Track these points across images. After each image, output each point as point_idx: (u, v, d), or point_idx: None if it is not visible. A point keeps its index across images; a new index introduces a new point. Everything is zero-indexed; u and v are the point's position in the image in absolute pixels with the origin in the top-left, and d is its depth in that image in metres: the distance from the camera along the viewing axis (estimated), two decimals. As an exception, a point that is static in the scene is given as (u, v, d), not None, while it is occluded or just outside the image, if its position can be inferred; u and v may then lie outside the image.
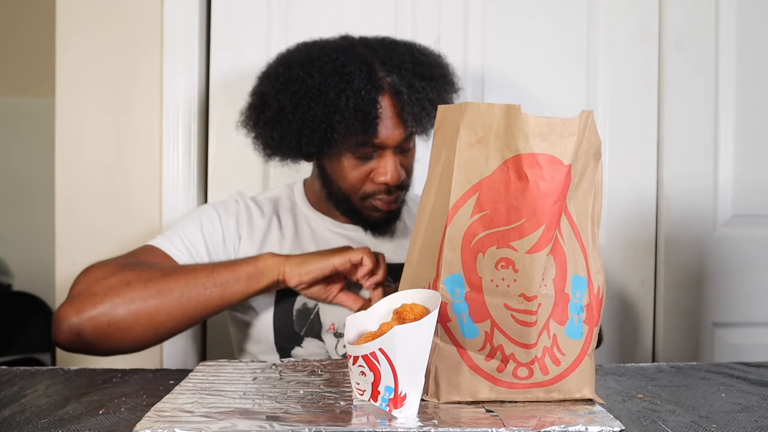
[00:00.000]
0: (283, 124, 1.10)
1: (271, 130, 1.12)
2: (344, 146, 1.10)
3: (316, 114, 1.07)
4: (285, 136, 1.11)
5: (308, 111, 1.07)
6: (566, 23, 1.54)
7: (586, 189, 0.73)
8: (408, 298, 0.70)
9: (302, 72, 1.08)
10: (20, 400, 0.76)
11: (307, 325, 1.13)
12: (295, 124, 1.09)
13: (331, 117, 1.06)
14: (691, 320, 1.56)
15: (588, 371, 0.73)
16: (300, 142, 1.10)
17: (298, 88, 1.08)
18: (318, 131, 1.07)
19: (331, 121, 1.06)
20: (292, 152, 1.14)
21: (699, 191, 1.56)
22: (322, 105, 1.06)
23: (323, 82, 1.07)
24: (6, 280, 2.69)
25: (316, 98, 1.06)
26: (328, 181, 1.17)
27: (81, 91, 1.48)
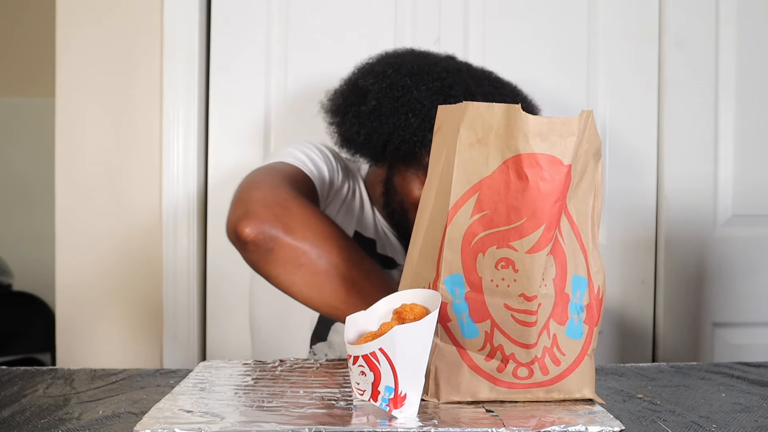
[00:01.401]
0: (374, 124, 1.09)
1: (359, 126, 1.11)
2: (424, 163, 1.09)
3: (411, 125, 1.06)
4: (372, 136, 1.10)
5: (405, 120, 1.07)
6: (566, 23, 1.54)
7: (586, 189, 0.73)
8: (408, 298, 0.70)
9: (410, 81, 1.08)
10: (20, 400, 0.76)
11: None
12: (387, 128, 1.08)
13: (424, 133, 1.06)
14: (691, 320, 1.56)
15: (588, 371, 0.73)
16: (385, 147, 1.09)
17: (402, 94, 1.08)
18: (408, 143, 1.07)
19: (423, 137, 1.06)
20: (370, 152, 1.13)
21: (699, 191, 1.56)
22: (420, 119, 1.06)
23: (427, 98, 1.07)
24: (6, 280, 2.69)
25: (416, 110, 1.07)
26: (392, 190, 1.16)
27: (81, 91, 1.48)
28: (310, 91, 1.48)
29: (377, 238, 1.20)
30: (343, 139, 1.15)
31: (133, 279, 1.49)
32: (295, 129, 1.49)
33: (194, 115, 1.48)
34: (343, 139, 1.16)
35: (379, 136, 1.09)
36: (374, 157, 1.14)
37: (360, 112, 1.10)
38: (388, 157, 1.12)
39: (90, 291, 1.49)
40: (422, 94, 1.07)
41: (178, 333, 1.48)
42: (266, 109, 1.51)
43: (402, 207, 1.15)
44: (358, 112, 1.11)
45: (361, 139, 1.11)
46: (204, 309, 1.52)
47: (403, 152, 1.08)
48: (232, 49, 1.50)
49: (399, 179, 1.15)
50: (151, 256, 1.48)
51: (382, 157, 1.12)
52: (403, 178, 1.14)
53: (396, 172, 1.15)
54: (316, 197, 1.08)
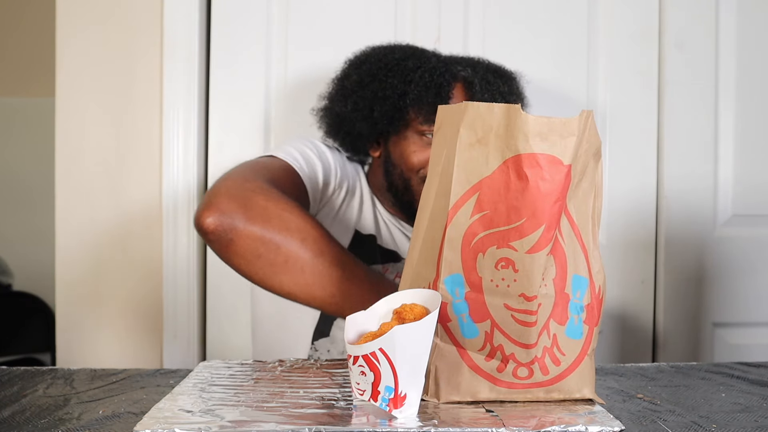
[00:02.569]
0: (359, 93, 1.16)
1: (345, 100, 1.17)
2: (413, 124, 1.14)
3: (391, 84, 1.13)
4: (358, 105, 1.15)
5: (384, 81, 1.14)
6: (566, 23, 1.54)
7: (586, 189, 0.73)
8: (408, 298, 0.70)
9: (385, 50, 1.19)
10: (20, 400, 0.76)
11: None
12: (369, 93, 1.15)
13: (405, 87, 1.13)
14: (691, 320, 1.56)
15: (588, 371, 0.73)
16: (372, 110, 1.14)
17: (378, 60, 1.17)
18: (390, 99, 1.13)
19: (404, 90, 1.12)
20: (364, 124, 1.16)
21: (699, 191, 1.56)
22: (399, 77, 1.13)
23: (402, 59, 1.16)
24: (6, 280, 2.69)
25: (393, 70, 1.14)
26: (391, 167, 1.18)
27: (81, 91, 1.48)
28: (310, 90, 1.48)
29: (378, 232, 1.20)
30: (332, 119, 1.20)
31: (133, 279, 1.49)
32: (296, 128, 1.49)
33: (194, 114, 1.48)
34: (331, 122, 1.20)
35: (365, 102, 1.15)
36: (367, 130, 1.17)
37: (346, 88, 1.18)
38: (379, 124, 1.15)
39: (90, 291, 1.49)
40: (397, 56, 1.16)
41: (178, 333, 1.48)
42: (266, 109, 1.51)
43: (403, 179, 1.17)
44: (344, 89, 1.18)
45: (349, 109, 1.16)
46: (204, 309, 1.52)
47: (389, 110, 1.13)
48: (232, 48, 1.50)
49: (395, 151, 1.17)
50: (151, 256, 1.48)
51: (374, 126, 1.16)
52: (398, 148, 1.17)
53: (391, 147, 1.18)
54: (303, 195, 1.08)
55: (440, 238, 0.70)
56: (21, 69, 2.87)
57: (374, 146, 1.22)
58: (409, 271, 0.76)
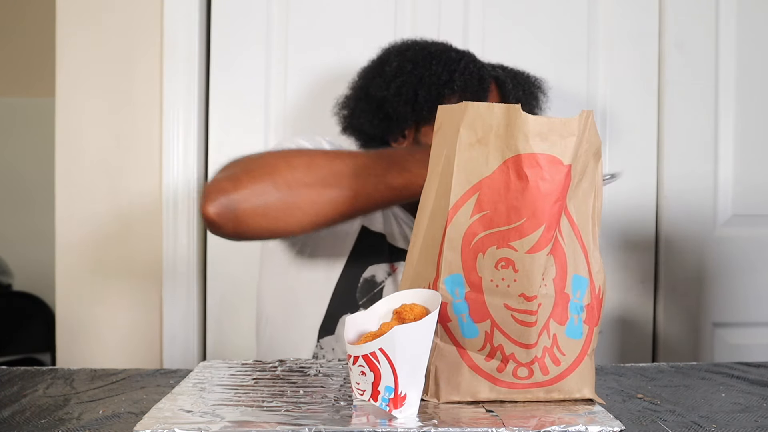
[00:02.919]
0: (402, 77, 1.13)
1: (386, 86, 1.14)
2: None
3: (436, 71, 1.13)
4: (401, 90, 1.13)
5: (429, 69, 1.13)
6: (566, 23, 1.54)
7: (586, 189, 0.73)
8: (408, 298, 0.70)
9: (425, 43, 1.19)
10: (20, 400, 0.76)
11: (369, 297, 1.13)
12: (414, 78, 1.13)
13: (450, 74, 1.12)
14: (691, 320, 1.56)
15: (588, 371, 0.73)
16: (416, 96, 1.12)
17: (421, 49, 1.16)
18: (436, 85, 1.12)
19: (450, 77, 1.12)
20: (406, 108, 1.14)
21: (699, 191, 1.56)
22: (443, 65, 1.13)
23: (445, 51, 1.16)
24: (6, 280, 2.69)
25: (438, 59, 1.14)
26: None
27: (81, 91, 1.48)
28: (310, 90, 1.48)
29: (387, 231, 1.19)
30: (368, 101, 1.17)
31: (133, 279, 1.49)
32: (295, 128, 1.49)
33: (194, 115, 1.48)
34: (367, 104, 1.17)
35: (408, 87, 1.13)
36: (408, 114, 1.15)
37: (384, 72, 1.15)
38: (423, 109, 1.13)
39: (90, 291, 1.49)
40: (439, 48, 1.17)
41: (178, 333, 1.48)
42: (266, 109, 1.51)
43: None
44: (383, 72, 1.16)
45: (393, 92, 1.14)
46: (204, 309, 1.52)
47: (434, 96, 1.12)
48: (232, 48, 1.50)
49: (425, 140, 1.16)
50: (151, 255, 1.48)
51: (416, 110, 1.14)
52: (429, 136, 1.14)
53: (422, 136, 1.17)
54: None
55: (440, 238, 0.70)
56: (21, 69, 2.87)
57: (400, 138, 1.19)
58: (409, 271, 0.76)
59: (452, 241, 0.69)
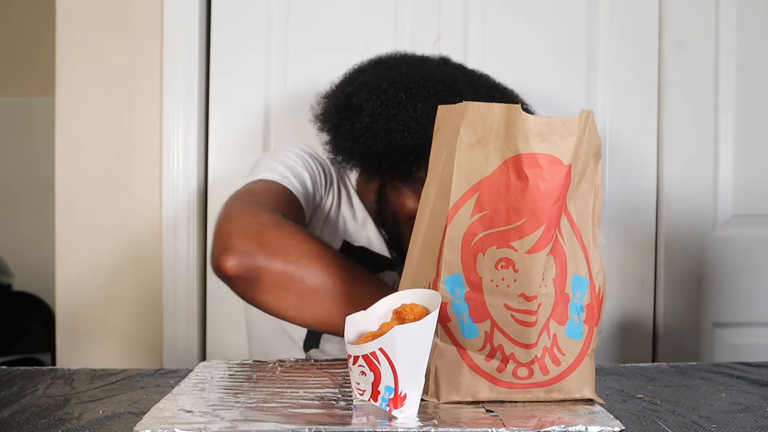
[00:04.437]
0: (368, 141, 1.08)
1: (353, 142, 1.09)
2: (414, 175, 1.08)
3: (407, 144, 1.05)
4: (367, 154, 1.09)
5: (401, 139, 1.06)
6: (566, 23, 1.54)
7: (586, 189, 0.73)
8: (408, 298, 0.70)
9: (406, 97, 1.07)
10: (20, 400, 0.76)
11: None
12: (382, 145, 1.07)
13: (420, 153, 1.04)
14: (691, 320, 1.56)
15: (588, 371, 0.73)
16: (380, 163, 1.08)
17: (397, 112, 1.07)
18: (404, 161, 1.06)
19: (419, 156, 1.04)
20: (365, 165, 1.12)
21: (699, 191, 1.56)
22: (416, 138, 1.05)
23: (423, 116, 1.05)
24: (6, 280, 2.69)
25: (412, 129, 1.05)
26: (384, 201, 1.15)
27: (81, 91, 1.48)
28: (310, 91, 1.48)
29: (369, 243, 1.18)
30: (337, 151, 1.14)
31: (133, 279, 1.49)
32: (295, 129, 1.49)
33: (194, 115, 1.48)
34: (336, 151, 1.14)
35: (374, 154, 1.08)
36: (369, 169, 1.13)
37: (354, 128, 1.09)
38: (382, 172, 1.11)
39: (90, 291, 1.49)
40: (418, 113, 1.05)
41: (178, 333, 1.48)
42: (266, 109, 1.51)
43: (395, 218, 1.14)
44: (352, 128, 1.09)
45: (356, 156, 1.10)
46: (204, 309, 1.52)
47: (399, 170, 1.08)
48: (232, 49, 1.50)
49: (393, 194, 1.13)
50: (152, 255, 1.48)
51: (377, 170, 1.11)
52: (396, 192, 1.13)
53: (389, 185, 1.14)
54: (300, 211, 1.05)
55: (440, 238, 0.70)
56: (21, 69, 2.87)
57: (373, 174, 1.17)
58: (409, 271, 0.76)
59: (452, 241, 0.69)
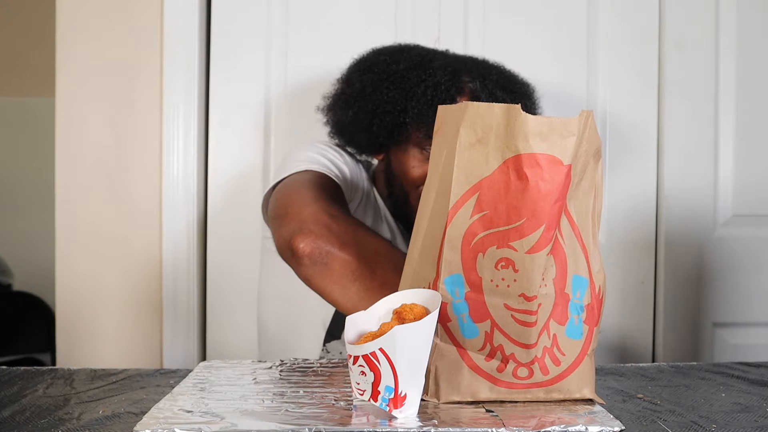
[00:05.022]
0: (359, 103, 1.13)
1: (347, 107, 1.15)
2: (413, 138, 1.11)
3: (392, 98, 1.10)
4: (358, 116, 1.13)
5: (386, 94, 1.11)
6: (566, 23, 1.54)
7: (586, 189, 0.73)
8: (408, 298, 0.70)
9: (390, 59, 1.14)
10: (20, 400, 0.76)
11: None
12: (371, 105, 1.12)
13: (406, 102, 1.09)
14: (691, 320, 1.56)
15: (588, 371, 0.73)
16: (372, 124, 1.12)
17: (382, 70, 1.13)
18: (391, 114, 1.10)
19: (405, 106, 1.09)
20: (364, 136, 1.15)
21: (699, 191, 1.55)
22: (401, 90, 1.10)
23: (407, 69, 1.11)
24: (6, 280, 2.69)
25: (397, 83, 1.10)
26: (391, 177, 1.17)
27: (81, 91, 1.48)
28: (310, 90, 1.48)
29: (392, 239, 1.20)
30: (334, 124, 1.19)
31: (133, 279, 1.49)
32: (295, 128, 1.49)
33: (194, 115, 1.48)
34: (334, 126, 1.19)
35: (365, 114, 1.12)
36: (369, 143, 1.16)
37: (348, 95, 1.15)
38: (379, 135, 1.13)
39: (90, 291, 1.49)
40: (401, 67, 1.11)
41: (178, 333, 1.48)
42: (266, 109, 1.51)
43: (403, 191, 1.16)
44: (346, 96, 1.16)
45: (349, 119, 1.14)
46: (204, 309, 1.52)
47: (388, 125, 1.11)
48: (232, 48, 1.50)
49: (396, 163, 1.16)
50: (151, 255, 1.48)
51: (375, 137, 1.14)
52: (398, 160, 1.15)
53: (392, 157, 1.16)
54: (345, 202, 1.09)
55: (440, 238, 0.70)
56: (21, 69, 2.87)
57: (377, 152, 1.20)
58: (409, 271, 0.76)
59: (452, 241, 0.69)
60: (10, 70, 2.90)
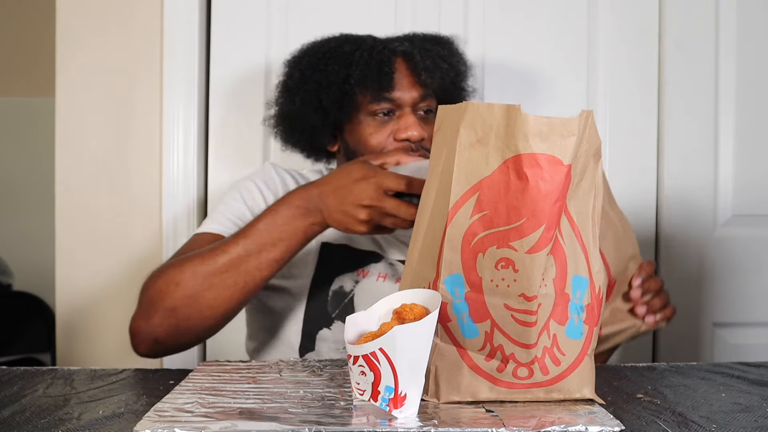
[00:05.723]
0: (304, 87, 1.16)
1: (293, 98, 1.18)
2: (363, 106, 1.14)
3: (333, 70, 1.14)
4: (305, 99, 1.16)
5: (325, 70, 1.14)
6: (566, 23, 1.54)
7: (586, 189, 0.73)
8: (408, 298, 0.70)
9: (321, 43, 1.20)
10: (20, 400, 0.76)
11: (341, 308, 1.13)
12: (314, 84, 1.15)
13: (347, 70, 1.13)
14: (691, 320, 1.56)
15: (588, 371, 0.73)
16: (320, 99, 1.15)
17: (317, 52, 1.18)
18: (335, 84, 1.13)
19: (347, 73, 1.13)
20: (316, 117, 1.17)
21: (699, 191, 1.55)
22: (339, 62, 1.14)
23: (340, 45, 1.16)
24: (6, 280, 2.69)
25: (334, 57, 1.15)
26: (351, 157, 1.18)
27: (81, 91, 1.48)
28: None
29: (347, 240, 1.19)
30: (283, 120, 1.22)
31: (133, 279, 1.49)
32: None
33: (194, 115, 1.48)
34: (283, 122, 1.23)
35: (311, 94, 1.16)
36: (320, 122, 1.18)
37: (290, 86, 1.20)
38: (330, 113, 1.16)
39: (90, 291, 1.49)
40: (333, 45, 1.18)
41: (178, 333, 1.48)
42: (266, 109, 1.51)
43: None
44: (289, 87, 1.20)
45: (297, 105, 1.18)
46: (204, 309, 1.52)
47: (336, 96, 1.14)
48: (232, 48, 1.50)
49: (353, 139, 1.17)
50: (151, 255, 1.48)
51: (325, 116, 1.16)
52: (354, 136, 1.17)
53: (348, 138, 1.18)
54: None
55: (440, 238, 0.70)
56: (21, 69, 2.87)
57: (331, 141, 1.22)
58: (409, 271, 0.76)
59: (452, 241, 0.69)
60: (10, 70, 2.90)
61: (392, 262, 1.16)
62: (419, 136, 1.12)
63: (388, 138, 1.14)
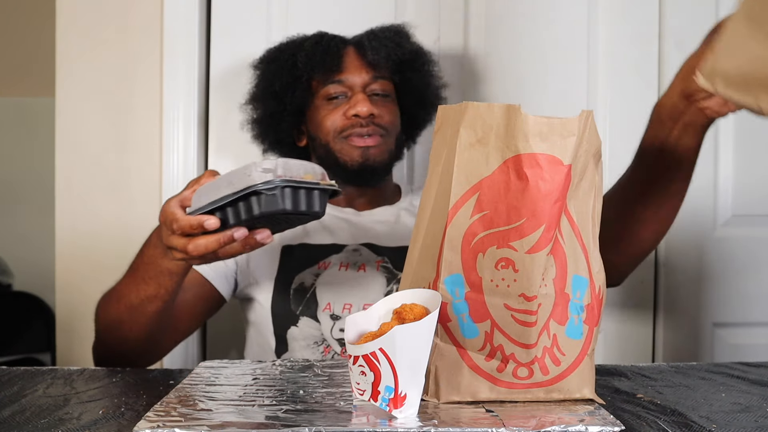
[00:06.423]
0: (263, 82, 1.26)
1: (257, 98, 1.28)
2: (317, 90, 1.22)
3: (283, 58, 1.24)
4: (266, 95, 1.26)
5: (278, 60, 1.24)
6: (566, 23, 1.54)
7: (586, 189, 0.73)
8: (408, 298, 0.70)
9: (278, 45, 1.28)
10: (20, 400, 0.76)
11: (303, 304, 1.15)
12: (270, 75, 1.25)
13: (295, 57, 1.21)
14: (691, 320, 1.56)
15: (588, 371, 0.73)
16: (274, 88, 1.23)
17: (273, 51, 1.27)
18: (285, 68, 1.22)
19: (294, 59, 1.21)
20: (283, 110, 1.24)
21: (699, 191, 1.55)
22: (289, 50, 1.23)
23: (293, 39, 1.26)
24: (6, 280, 2.69)
25: (285, 49, 1.25)
26: (314, 142, 1.24)
27: (81, 91, 1.48)
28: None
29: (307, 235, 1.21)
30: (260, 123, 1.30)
31: (133, 279, 1.49)
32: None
33: (194, 115, 1.48)
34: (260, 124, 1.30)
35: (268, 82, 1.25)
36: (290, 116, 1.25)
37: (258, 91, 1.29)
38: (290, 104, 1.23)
39: (90, 291, 1.49)
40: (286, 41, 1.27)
41: (178, 333, 1.48)
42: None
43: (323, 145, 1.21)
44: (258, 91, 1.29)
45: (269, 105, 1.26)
46: (204, 309, 1.52)
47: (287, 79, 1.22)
48: (232, 47, 1.50)
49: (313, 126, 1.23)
50: (151, 256, 1.48)
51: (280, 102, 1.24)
52: (313, 120, 1.23)
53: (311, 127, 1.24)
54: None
55: (440, 238, 0.70)
56: (21, 69, 2.87)
57: (300, 136, 1.29)
58: (409, 271, 0.76)
59: (452, 241, 0.69)
60: (10, 70, 2.90)
61: (356, 248, 1.19)
62: (368, 112, 1.17)
63: (341, 118, 1.19)
